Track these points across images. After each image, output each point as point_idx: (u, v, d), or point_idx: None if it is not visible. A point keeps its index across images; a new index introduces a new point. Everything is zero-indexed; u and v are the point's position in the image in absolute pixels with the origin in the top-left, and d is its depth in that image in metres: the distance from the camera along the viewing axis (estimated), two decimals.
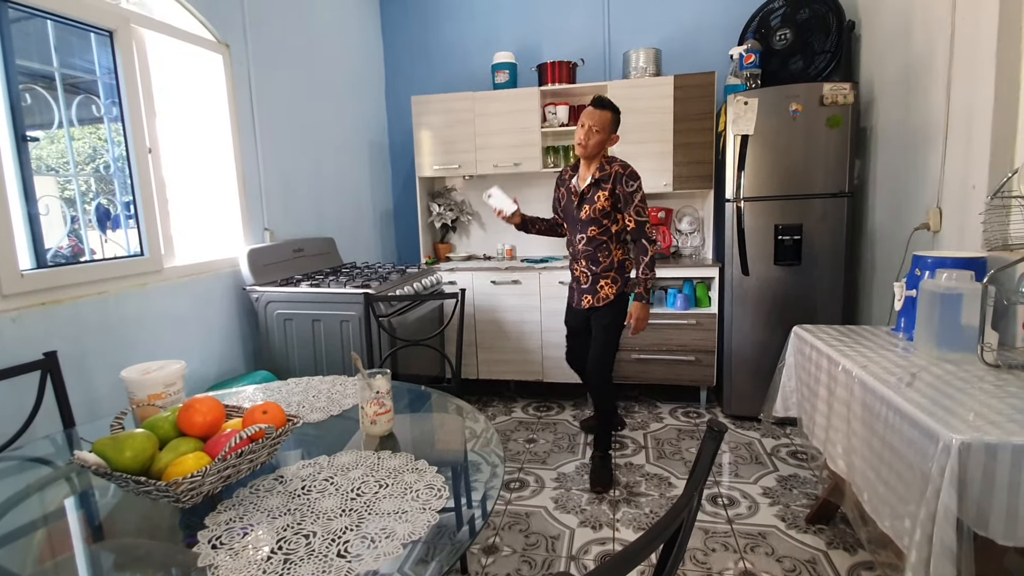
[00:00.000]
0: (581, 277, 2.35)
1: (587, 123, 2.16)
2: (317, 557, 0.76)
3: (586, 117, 2.17)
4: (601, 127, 2.17)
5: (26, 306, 1.59)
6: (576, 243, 2.34)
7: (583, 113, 2.19)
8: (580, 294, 2.36)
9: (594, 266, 2.30)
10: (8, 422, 1.44)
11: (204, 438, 0.99)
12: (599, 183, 2.22)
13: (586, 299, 2.33)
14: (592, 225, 2.26)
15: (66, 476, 1.12)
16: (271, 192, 2.68)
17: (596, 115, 2.16)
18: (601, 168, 2.24)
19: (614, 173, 2.21)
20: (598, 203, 2.23)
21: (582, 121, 2.18)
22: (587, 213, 2.26)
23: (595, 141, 2.18)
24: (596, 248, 2.29)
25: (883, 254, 2.60)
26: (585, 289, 2.34)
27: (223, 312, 2.36)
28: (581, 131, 2.18)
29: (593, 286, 2.31)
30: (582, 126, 2.18)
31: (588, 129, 2.17)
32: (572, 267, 2.42)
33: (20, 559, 0.84)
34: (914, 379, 1.39)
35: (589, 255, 2.30)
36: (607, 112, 2.17)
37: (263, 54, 2.63)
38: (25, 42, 1.79)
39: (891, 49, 2.51)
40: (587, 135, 2.17)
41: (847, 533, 1.93)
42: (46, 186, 1.84)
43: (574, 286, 2.41)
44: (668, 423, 2.94)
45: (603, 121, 2.16)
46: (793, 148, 2.71)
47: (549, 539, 1.97)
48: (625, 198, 2.21)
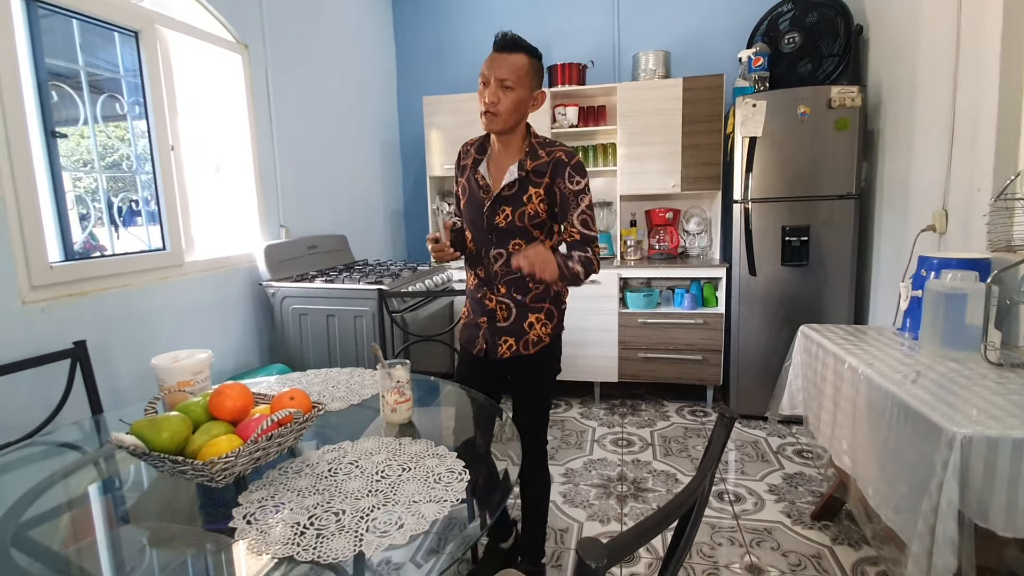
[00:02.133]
0: (499, 310, 1.56)
1: (496, 75, 1.39)
2: (348, 532, 0.80)
3: (491, 68, 1.39)
4: (516, 79, 1.39)
5: (54, 297, 1.65)
6: (489, 261, 1.55)
7: (486, 63, 1.41)
8: (495, 335, 1.56)
9: (520, 295, 1.54)
10: (38, 409, 1.49)
11: (234, 422, 1.04)
12: (530, 176, 1.47)
13: (506, 343, 1.56)
14: (517, 237, 1.50)
15: (94, 461, 1.17)
16: (287, 189, 2.74)
17: (507, 62, 1.39)
18: (532, 153, 1.47)
19: (554, 161, 1.46)
20: (530, 207, 1.47)
21: (485, 75, 1.41)
22: (509, 220, 1.49)
23: (510, 102, 1.40)
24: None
25: (889, 255, 2.63)
26: (504, 329, 1.56)
27: (240, 306, 2.41)
28: (486, 91, 1.40)
29: (519, 324, 1.55)
30: (485, 83, 1.41)
31: (498, 85, 1.39)
32: (478, 296, 1.59)
33: (53, 539, 0.88)
34: (919, 376, 1.42)
35: (514, 279, 1.53)
36: (522, 56, 1.40)
37: (280, 54, 2.68)
38: (51, 41, 1.85)
39: (898, 53, 2.53)
40: (497, 93, 1.39)
41: (852, 529, 1.96)
42: (73, 181, 1.90)
43: (483, 323, 1.58)
44: (675, 421, 2.97)
45: (518, 70, 1.39)
46: (801, 150, 2.74)
47: (558, 531, 2.01)
48: (568, 199, 1.46)
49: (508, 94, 1.39)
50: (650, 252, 3.45)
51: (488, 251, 1.55)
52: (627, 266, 3.17)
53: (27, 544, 0.85)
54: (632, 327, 3.14)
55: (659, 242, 3.42)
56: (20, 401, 1.51)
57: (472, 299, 1.63)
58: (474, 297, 1.61)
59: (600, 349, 3.19)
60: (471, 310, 1.64)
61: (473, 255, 1.59)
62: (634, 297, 3.15)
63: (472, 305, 1.63)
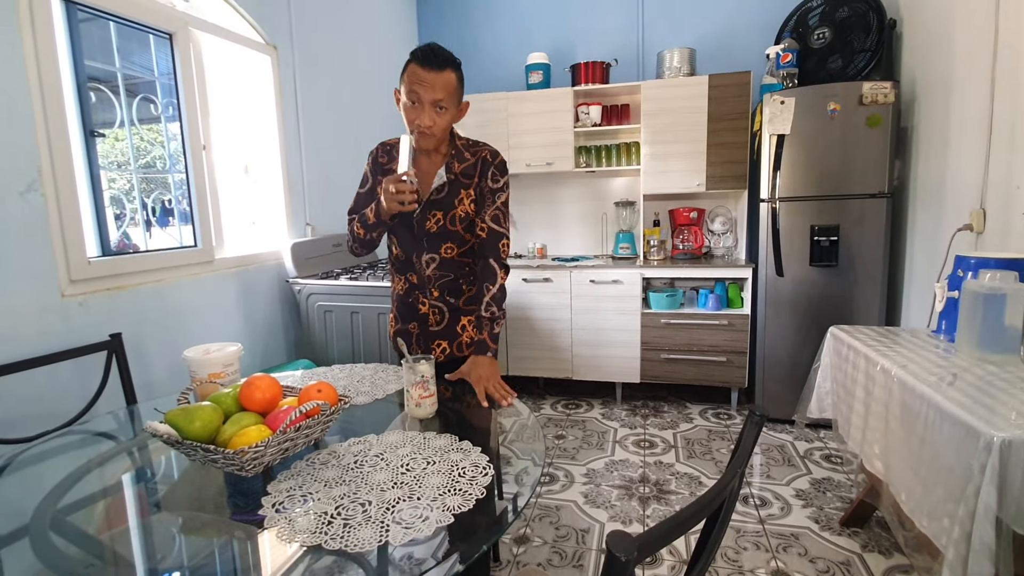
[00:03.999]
0: (431, 315, 1.55)
1: (430, 97, 1.34)
2: (374, 523, 0.81)
3: (424, 88, 1.33)
4: (449, 99, 1.37)
5: (92, 291, 1.70)
6: (420, 266, 1.52)
7: (414, 80, 1.33)
8: (428, 340, 1.56)
9: (453, 298, 1.55)
10: (76, 398, 1.54)
11: (263, 413, 1.05)
12: (459, 179, 1.47)
13: (439, 347, 1.56)
14: (449, 241, 1.50)
15: (128, 450, 1.20)
16: (312, 188, 2.78)
17: (439, 82, 1.33)
18: (458, 155, 1.48)
19: (480, 160, 1.48)
20: (460, 208, 1.47)
21: (418, 94, 1.34)
22: (440, 224, 1.48)
23: (445, 123, 1.40)
24: (457, 272, 1.54)
25: (923, 256, 2.56)
26: (437, 333, 1.56)
27: (267, 302, 2.46)
28: (422, 112, 1.35)
29: (451, 327, 1.56)
30: (415, 104, 1.35)
31: (432, 107, 1.35)
32: (408, 301, 1.57)
33: (89, 524, 0.91)
34: (955, 379, 1.38)
35: (447, 282, 1.53)
36: (451, 73, 1.36)
37: (307, 55, 2.73)
38: (90, 45, 1.91)
39: (933, 48, 2.46)
40: (432, 116, 1.36)
41: (883, 536, 1.91)
42: (108, 181, 1.96)
43: (413, 329, 1.58)
44: (698, 424, 2.93)
45: (450, 89, 1.36)
46: (831, 148, 2.68)
47: (579, 532, 2.00)
48: (485, 196, 1.49)
49: (443, 115, 1.38)
50: (673, 252, 3.41)
51: (420, 256, 1.52)
52: (650, 266, 3.14)
53: (65, 528, 0.88)
54: (655, 327, 3.11)
55: (683, 242, 3.38)
56: (59, 391, 1.57)
57: (401, 304, 1.60)
58: (404, 302, 1.59)
59: (622, 349, 3.17)
60: (399, 316, 1.61)
61: (402, 261, 1.56)
62: (657, 297, 3.12)
63: (400, 310, 1.60)
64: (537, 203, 3.79)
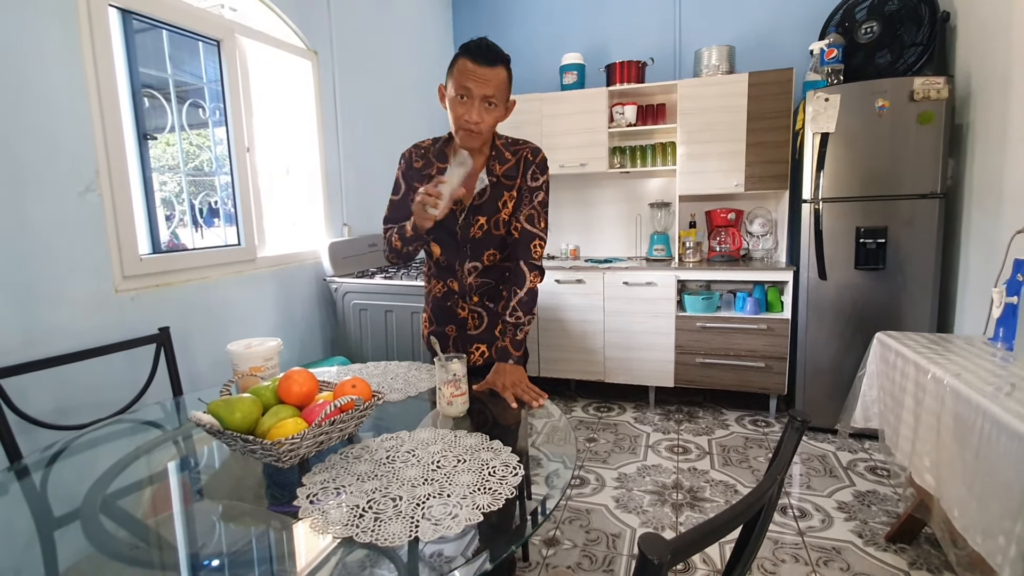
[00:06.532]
0: (470, 319, 1.54)
1: (481, 93, 1.29)
2: (404, 518, 0.82)
3: (478, 83, 1.28)
4: (500, 96, 1.32)
5: (143, 287, 1.78)
6: (462, 274, 1.49)
7: (466, 75, 1.28)
8: (467, 344, 1.56)
9: (492, 303, 1.53)
10: (127, 389, 1.62)
11: (300, 406, 1.08)
12: (502, 181, 1.42)
13: (478, 351, 1.55)
14: (492, 247, 1.46)
15: (173, 439, 1.25)
16: (350, 189, 2.85)
17: (492, 78, 1.29)
18: (499, 156, 1.42)
19: (523, 160, 1.43)
20: (504, 212, 1.43)
21: (469, 89, 1.28)
22: (484, 229, 1.44)
23: (493, 120, 1.34)
24: (498, 278, 1.51)
25: (979, 259, 2.42)
26: (476, 336, 1.55)
27: (305, 300, 2.53)
28: (472, 107, 1.30)
29: (490, 331, 1.54)
30: (464, 98, 1.30)
31: (482, 103, 1.30)
32: (447, 304, 1.56)
33: (136, 508, 0.95)
34: (1014, 389, 1.30)
35: (488, 288, 1.51)
36: (503, 70, 1.31)
37: (346, 60, 2.79)
38: (144, 53, 2.01)
39: (990, 41, 2.33)
40: (481, 113, 1.31)
41: (932, 554, 1.82)
42: (159, 184, 2.05)
43: (450, 332, 1.57)
44: (734, 430, 2.86)
45: (501, 86, 1.32)
46: (878, 147, 2.57)
47: (610, 536, 1.97)
48: (523, 195, 1.44)
49: (492, 112, 1.33)
50: (710, 254, 3.34)
51: (462, 264, 1.48)
52: (685, 268, 3.08)
53: (114, 512, 0.92)
54: (690, 331, 3.04)
55: (720, 244, 3.30)
56: (111, 381, 1.64)
57: (437, 307, 1.58)
58: (441, 305, 1.57)
59: (655, 353, 3.11)
60: (435, 318, 1.59)
61: (443, 266, 1.52)
62: (692, 300, 3.05)
63: (436, 312, 1.59)
64: (570, 204, 3.77)
